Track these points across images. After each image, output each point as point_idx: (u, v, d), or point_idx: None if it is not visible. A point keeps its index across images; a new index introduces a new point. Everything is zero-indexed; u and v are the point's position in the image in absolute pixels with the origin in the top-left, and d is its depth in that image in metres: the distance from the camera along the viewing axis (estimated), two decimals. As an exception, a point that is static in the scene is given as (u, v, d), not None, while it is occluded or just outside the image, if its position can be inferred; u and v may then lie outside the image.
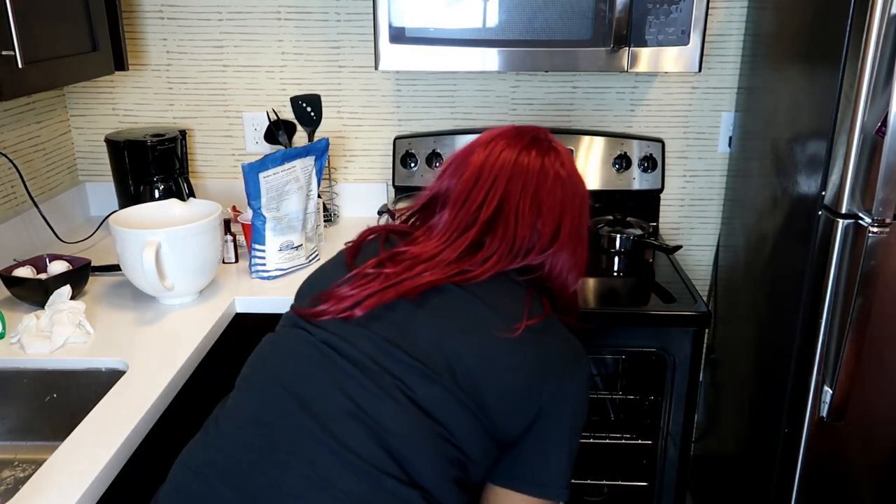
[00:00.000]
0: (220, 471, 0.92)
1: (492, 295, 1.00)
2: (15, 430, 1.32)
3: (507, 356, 0.95)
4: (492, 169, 1.05)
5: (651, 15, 1.60)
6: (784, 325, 1.60)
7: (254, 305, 1.55)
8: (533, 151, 1.07)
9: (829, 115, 1.41)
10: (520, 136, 1.10)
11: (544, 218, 1.04)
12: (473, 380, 0.93)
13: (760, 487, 1.71)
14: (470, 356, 0.94)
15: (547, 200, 1.04)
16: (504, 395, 0.94)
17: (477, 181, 1.05)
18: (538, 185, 1.04)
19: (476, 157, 1.07)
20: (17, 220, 1.75)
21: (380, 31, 1.63)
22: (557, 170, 1.07)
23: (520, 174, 1.05)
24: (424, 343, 0.95)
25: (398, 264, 1.02)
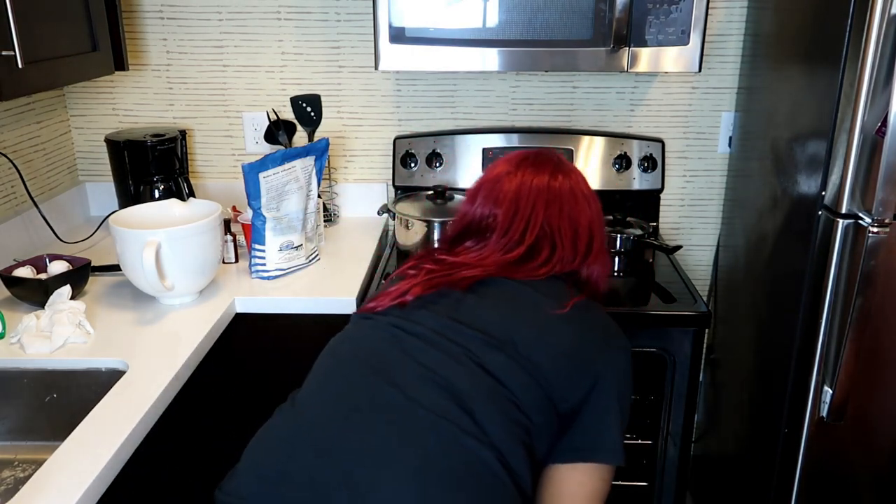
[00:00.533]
0: (305, 443, 0.97)
1: (538, 284, 1.11)
2: (15, 430, 1.32)
3: (559, 328, 1.05)
4: (528, 195, 1.16)
5: (651, 15, 1.60)
6: (784, 325, 1.60)
7: (254, 305, 1.55)
8: (559, 175, 1.19)
9: (829, 115, 1.41)
10: (544, 162, 1.21)
11: (580, 235, 1.16)
12: (531, 350, 1.01)
13: (760, 487, 1.71)
14: (526, 329, 1.03)
15: (581, 220, 1.17)
16: (561, 364, 1.02)
17: (517, 208, 1.16)
18: (571, 207, 1.17)
19: (509, 185, 1.18)
20: (17, 220, 1.75)
21: (380, 31, 1.63)
22: (582, 189, 1.20)
23: (555, 199, 1.16)
24: (482, 319, 1.04)
25: (438, 264, 1.14)
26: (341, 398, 1.01)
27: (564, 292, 1.11)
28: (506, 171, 1.20)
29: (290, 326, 1.57)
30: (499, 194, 1.17)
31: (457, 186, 1.99)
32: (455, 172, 1.99)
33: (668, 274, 1.78)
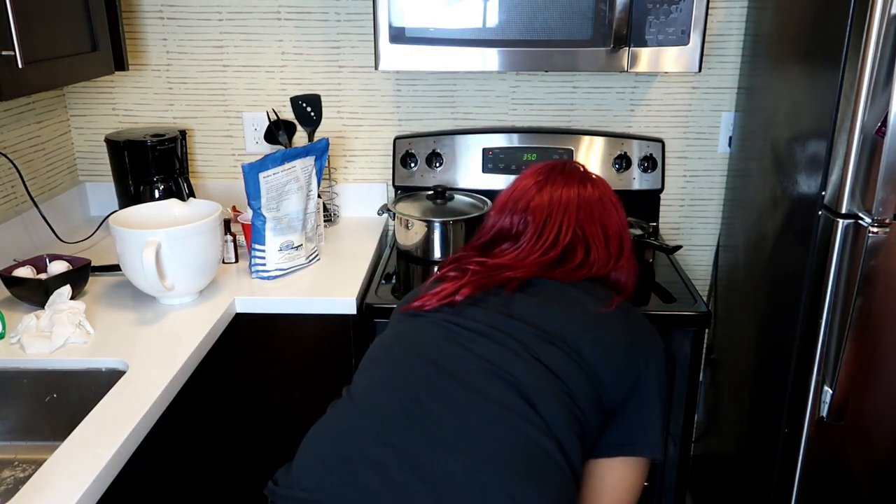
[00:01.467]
0: (368, 433, 0.98)
1: (580, 284, 1.16)
2: (15, 430, 1.32)
3: (606, 326, 1.09)
4: (560, 202, 1.21)
5: (651, 15, 1.60)
6: (784, 325, 1.60)
7: (254, 305, 1.55)
8: (588, 185, 1.24)
9: (829, 115, 1.41)
10: (572, 172, 1.26)
11: (611, 239, 1.21)
12: (581, 346, 1.05)
13: (760, 487, 1.71)
14: (575, 326, 1.07)
15: (610, 224, 1.22)
16: (610, 361, 1.06)
17: (549, 213, 1.20)
18: (601, 213, 1.22)
19: (539, 196, 1.23)
20: (17, 220, 1.75)
21: (380, 31, 1.63)
22: (610, 197, 1.25)
23: (585, 205, 1.21)
24: (534, 316, 1.08)
25: (481, 266, 1.17)
26: (403, 390, 1.02)
27: (605, 293, 1.16)
28: (534, 181, 1.25)
29: (290, 326, 1.57)
30: (529, 203, 1.22)
31: (457, 186, 1.99)
32: (455, 172, 1.99)
33: (668, 274, 1.78)
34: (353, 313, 1.55)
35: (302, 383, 1.61)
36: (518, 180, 1.28)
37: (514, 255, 1.19)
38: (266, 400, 1.63)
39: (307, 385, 1.61)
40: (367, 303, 1.58)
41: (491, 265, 1.17)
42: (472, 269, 1.16)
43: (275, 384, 1.62)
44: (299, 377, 1.61)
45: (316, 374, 1.60)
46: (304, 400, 1.62)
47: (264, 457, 1.67)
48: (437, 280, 1.20)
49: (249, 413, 1.64)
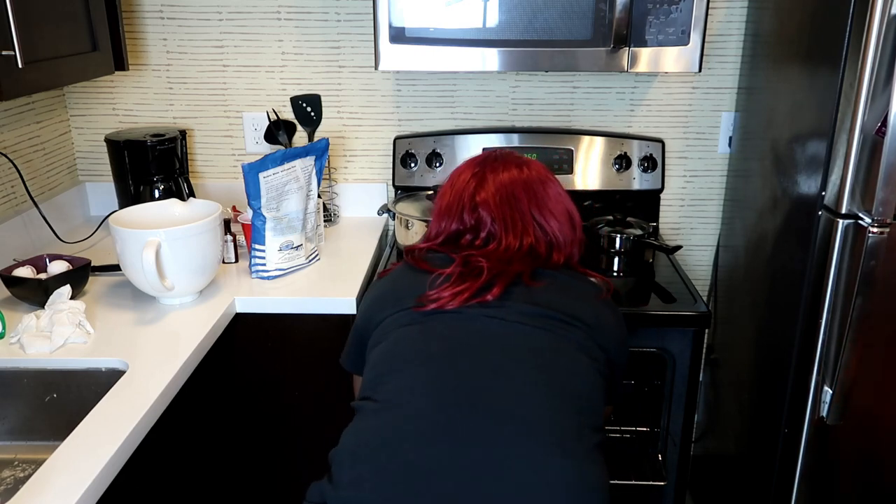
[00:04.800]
0: (430, 436, 0.99)
1: (573, 274, 1.23)
2: (15, 430, 1.32)
3: (606, 313, 1.18)
4: (506, 189, 1.23)
5: (651, 15, 1.60)
6: (784, 325, 1.60)
7: (254, 305, 1.55)
8: (524, 167, 1.26)
9: (829, 115, 1.41)
10: (506, 158, 1.28)
11: (561, 220, 1.25)
12: (597, 332, 1.13)
13: (760, 487, 1.71)
14: (588, 312, 1.15)
15: (556, 206, 1.25)
16: (612, 339, 1.16)
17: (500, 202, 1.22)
18: (544, 195, 1.24)
19: (486, 190, 1.24)
20: (17, 220, 1.75)
21: (380, 31, 1.63)
22: (546, 175, 1.28)
23: (529, 188, 1.24)
24: (555, 303, 1.13)
25: (483, 257, 1.17)
26: (455, 390, 1.02)
27: (583, 277, 1.24)
28: (471, 174, 1.26)
29: (290, 326, 1.57)
30: (475, 197, 1.23)
31: (457, 186, 1.98)
32: (455, 172, 1.99)
33: (668, 274, 1.78)
34: (353, 313, 1.55)
35: (302, 383, 1.61)
36: (453, 178, 1.29)
37: (503, 247, 1.20)
38: (266, 400, 1.63)
39: (307, 385, 1.61)
40: (367, 303, 1.58)
41: (497, 258, 1.17)
42: (486, 267, 1.15)
43: (275, 384, 1.62)
44: (299, 377, 1.61)
45: (316, 374, 1.60)
46: (305, 400, 1.62)
47: (264, 457, 1.67)
48: (447, 277, 1.15)
49: (249, 413, 1.64)
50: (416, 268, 1.21)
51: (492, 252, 1.19)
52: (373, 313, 1.20)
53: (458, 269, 1.16)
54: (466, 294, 1.11)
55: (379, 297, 1.22)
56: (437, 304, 1.11)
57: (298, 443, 1.65)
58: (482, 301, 1.11)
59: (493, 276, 1.13)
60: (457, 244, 1.24)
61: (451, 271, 1.16)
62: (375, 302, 1.22)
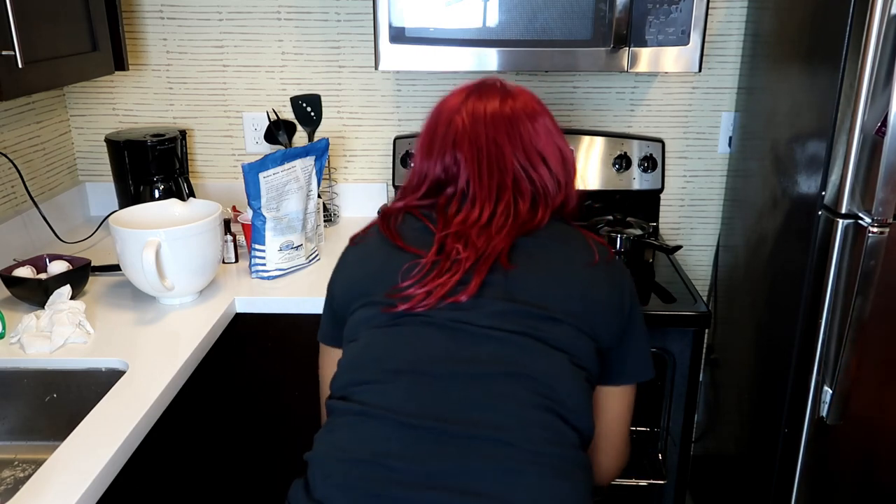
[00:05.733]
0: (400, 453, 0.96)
1: (560, 236, 1.11)
2: (15, 430, 1.32)
3: (596, 284, 1.07)
4: (486, 130, 1.11)
5: (651, 15, 1.60)
6: (784, 325, 1.60)
7: (254, 305, 1.55)
8: (508, 100, 1.14)
9: (829, 115, 1.41)
10: (489, 89, 1.16)
11: (551, 161, 1.13)
12: (584, 315, 1.05)
13: (760, 487, 1.71)
14: (575, 297, 1.05)
15: (546, 145, 1.13)
16: (606, 318, 1.07)
17: (478, 148, 1.11)
18: (531, 134, 1.12)
19: (462, 123, 1.13)
20: (17, 220, 1.75)
21: (380, 31, 1.63)
22: (534, 107, 1.15)
23: (513, 128, 1.12)
24: (535, 296, 1.04)
25: (461, 239, 1.07)
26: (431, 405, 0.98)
27: (574, 235, 1.13)
28: (452, 105, 1.15)
29: (290, 326, 1.56)
30: (455, 136, 1.12)
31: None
32: (455, 172, 1.99)
33: (668, 274, 1.78)
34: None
35: (302, 383, 1.61)
36: (439, 108, 1.17)
37: (476, 213, 1.09)
38: (266, 400, 1.63)
39: (307, 385, 1.61)
40: (367, 303, 1.58)
41: (475, 237, 1.06)
42: (463, 258, 1.04)
43: (275, 384, 1.62)
44: (299, 377, 1.60)
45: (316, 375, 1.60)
46: (304, 400, 1.62)
47: (264, 456, 1.67)
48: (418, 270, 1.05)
49: (249, 413, 1.64)
50: (391, 242, 1.11)
51: (469, 227, 1.07)
52: (344, 295, 1.15)
53: (433, 259, 1.06)
54: (440, 292, 1.03)
55: (350, 279, 1.15)
56: (408, 304, 1.04)
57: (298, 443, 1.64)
58: (455, 301, 1.02)
59: (471, 266, 1.04)
60: (438, 197, 1.13)
61: (426, 261, 1.05)
62: (347, 283, 1.16)
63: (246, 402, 1.62)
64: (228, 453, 1.65)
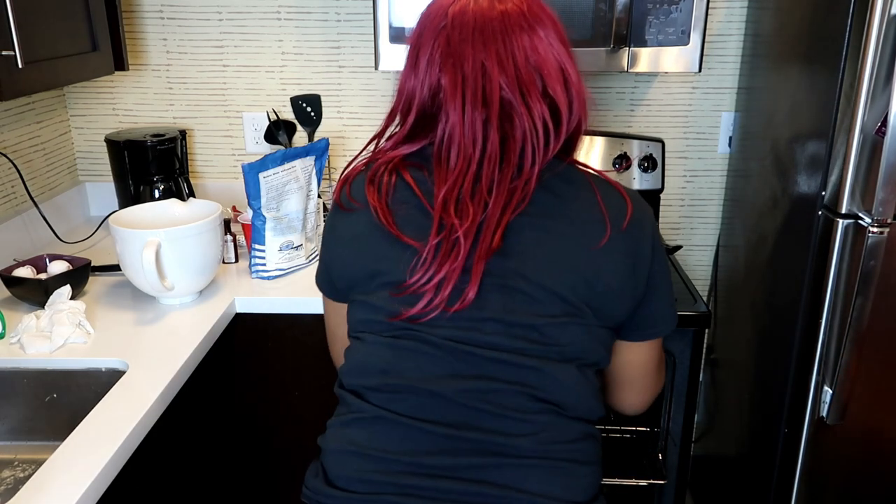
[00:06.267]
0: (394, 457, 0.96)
1: (562, 212, 0.97)
2: (15, 430, 1.32)
3: (607, 265, 0.96)
4: (472, 43, 0.96)
5: (651, 15, 1.60)
6: (784, 325, 1.60)
7: (254, 305, 1.55)
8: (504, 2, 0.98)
9: (829, 115, 1.41)
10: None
11: (550, 79, 0.97)
12: (595, 306, 0.97)
13: (760, 487, 1.71)
14: (581, 285, 0.95)
15: (544, 61, 0.97)
16: (620, 300, 0.99)
17: (463, 74, 0.96)
18: (528, 46, 0.96)
19: (444, 36, 0.98)
20: (17, 220, 1.75)
21: (380, 31, 1.63)
22: (532, 11, 0.98)
23: (505, 42, 0.96)
24: (537, 299, 0.95)
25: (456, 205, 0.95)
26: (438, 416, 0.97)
27: (581, 197, 0.98)
28: (441, 4, 1.00)
29: (290, 326, 1.56)
30: (440, 53, 0.98)
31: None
32: (455, 172, 1.99)
33: (668, 274, 1.78)
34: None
35: (302, 383, 1.61)
36: (432, 4, 1.02)
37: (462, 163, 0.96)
38: (266, 400, 1.63)
39: (307, 385, 1.61)
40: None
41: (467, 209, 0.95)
42: (461, 235, 0.94)
43: (275, 384, 1.62)
44: (299, 377, 1.61)
45: (316, 375, 1.60)
46: (305, 400, 1.62)
47: (264, 456, 1.67)
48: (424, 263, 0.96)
49: (249, 413, 1.64)
50: (386, 229, 0.99)
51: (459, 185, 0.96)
52: (340, 274, 1.07)
53: (434, 243, 0.95)
54: (447, 289, 0.94)
55: (345, 260, 1.06)
56: (415, 309, 0.96)
57: (298, 443, 1.65)
58: (459, 309, 0.95)
59: (470, 248, 0.94)
60: (427, 141, 1.02)
61: (428, 248, 0.95)
62: (341, 262, 1.06)
63: (246, 402, 1.62)
64: (228, 453, 1.65)
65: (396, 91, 1.04)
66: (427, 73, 0.99)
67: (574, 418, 0.99)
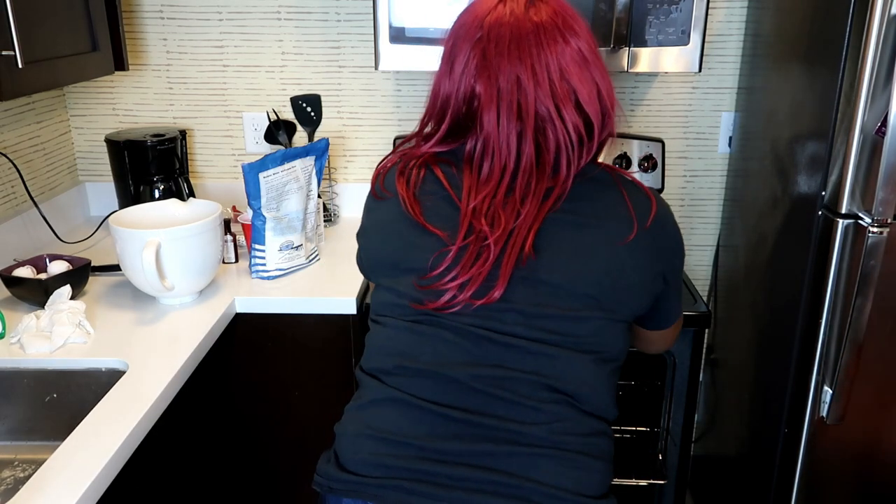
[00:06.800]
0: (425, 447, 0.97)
1: (592, 204, 1.00)
2: (15, 430, 1.32)
3: (631, 261, 0.99)
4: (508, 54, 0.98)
5: (651, 15, 1.60)
6: (784, 325, 1.60)
7: (254, 305, 1.55)
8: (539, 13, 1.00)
9: (829, 115, 1.41)
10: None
11: (583, 92, 1.00)
12: (617, 303, 1.00)
13: (760, 487, 1.71)
14: (605, 286, 0.98)
15: (578, 80, 0.99)
16: (641, 295, 1.02)
17: (498, 88, 0.99)
18: (560, 61, 0.99)
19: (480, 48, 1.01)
20: (17, 220, 1.75)
21: (380, 31, 1.63)
22: (564, 21, 1.00)
23: (539, 53, 0.98)
24: (561, 293, 0.98)
25: (487, 214, 0.98)
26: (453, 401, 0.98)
27: (610, 196, 1.01)
28: (479, 12, 1.03)
29: (290, 326, 1.57)
30: (476, 63, 1.01)
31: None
32: (455, 172, 1.99)
33: (668, 274, 1.78)
34: (354, 313, 1.55)
35: (302, 383, 1.61)
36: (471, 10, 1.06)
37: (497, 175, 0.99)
38: (266, 400, 1.63)
39: (307, 385, 1.61)
40: (368, 303, 1.58)
41: (499, 219, 0.98)
42: (491, 242, 0.97)
43: (275, 384, 1.62)
44: (299, 377, 1.61)
45: (316, 375, 1.60)
46: (305, 400, 1.62)
47: (264, 456, 1.67)
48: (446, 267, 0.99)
49: (249, 413, 1.64)
50: (412, 218, 1.02)
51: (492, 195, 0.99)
52: (368, 259, 1.12)
53: (461, 244, 0.98)
54: (470, 290, 0.97)
55: (373, 245, 1.11)
56: (438, 303, 0.99)
57: (298, 443, 1.65)
58: (482, 305, 0.98)
59: (500, 253, 0.97)
60: (460, 142, 1.05)
61: (454, 248, 0.98)
62: (370, 248, 1.12)
63: (246, 402, 1.62)
64: (228, 453, 1.65)
65: (430, 94, 1.08)
66: (462, 80, 1.02)
67: (588, 413, 1.00)
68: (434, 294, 0.99)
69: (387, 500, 0.96)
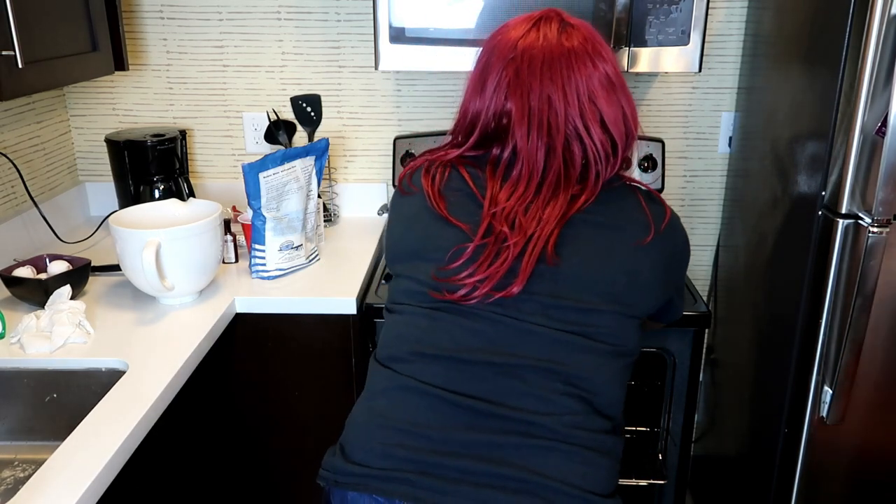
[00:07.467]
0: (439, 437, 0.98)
1: (612, 209, 1.06)
2: (15, 430, 1.32)
3: (647, 261, 1.05)
4: (540, 76, 1.04)
5: (651, 15, 1.60)
6: (784, 325, 1.60)
7: (254, 305, 1.55)
8: (564, 35, 1.06)
9: (829, 115, 1.41)
10: (548, 21, 1.08)
11: (609, 115, 1.05)
12: (631, 301, 1.04)
13: (760, 487, 1.71)
14: (620, 282, 1.03)
15: (605, 104, 1.05)
16: (656, 294, 1.08)
17: (529, 106, 1.05)
18: (588, 82, 1.05)
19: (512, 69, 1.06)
20: (17, 220, 1.75)
21: (380, 31, 1.63)
22: (594, 48, 1.06)
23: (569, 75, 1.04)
24: (580, 289, 1.02)
25: (509, 220, 1.03)
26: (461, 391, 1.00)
27: (628, 202, 1.07)
28: (510, 39, 1.08)
29: (290, 326, 1.57)
30: (508, 82, 1.07)
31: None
32: (455, 172, 1.99)
33: (668, 274, 1.77)
34: (353, 313, 1.55)
35: (302, 383, 1.61)
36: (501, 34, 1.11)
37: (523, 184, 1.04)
38: (266, 400, 1.63)
39: (307, 385, 1.61)
40: (368, 303, 1.59)
41: (521, 225, 1.02)
42: (511, 244, 1.01)
43: (275, 384, 1.62)
44: (299, 377, 1.61)
45: (316, 374, 1.60)
46: (305, 400, 1.62)
47: (264, 456, 1.67)
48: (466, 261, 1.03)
49: (249, 413, 1.64)
50: (436, 212, 1.07)
51: (517, 202, 1.04)
52: (391, 250, 1.15)
53: (480, 242, 1.02)
54: (488, 285, 1.01)
55: (396, 237, 1.14)
56: (454, 296, 1.02)
57: (298, 443, 1.65)
58: (501, 297, 1.01)
59: (519, 253, 1.01)
60: (487, 149, 1.10)
61: (473, 245, 1.02)
62: (393, 239, 1.15)
63: (245, 402, 1.63)
64: (228, 453, 1.65)
65: (459, 111, 1.14)
66: (493, 98, 1.08)
67: (598, 412, 1.01)
68: (450, 287, 1.03)
69: (393, 494, 0.96)
